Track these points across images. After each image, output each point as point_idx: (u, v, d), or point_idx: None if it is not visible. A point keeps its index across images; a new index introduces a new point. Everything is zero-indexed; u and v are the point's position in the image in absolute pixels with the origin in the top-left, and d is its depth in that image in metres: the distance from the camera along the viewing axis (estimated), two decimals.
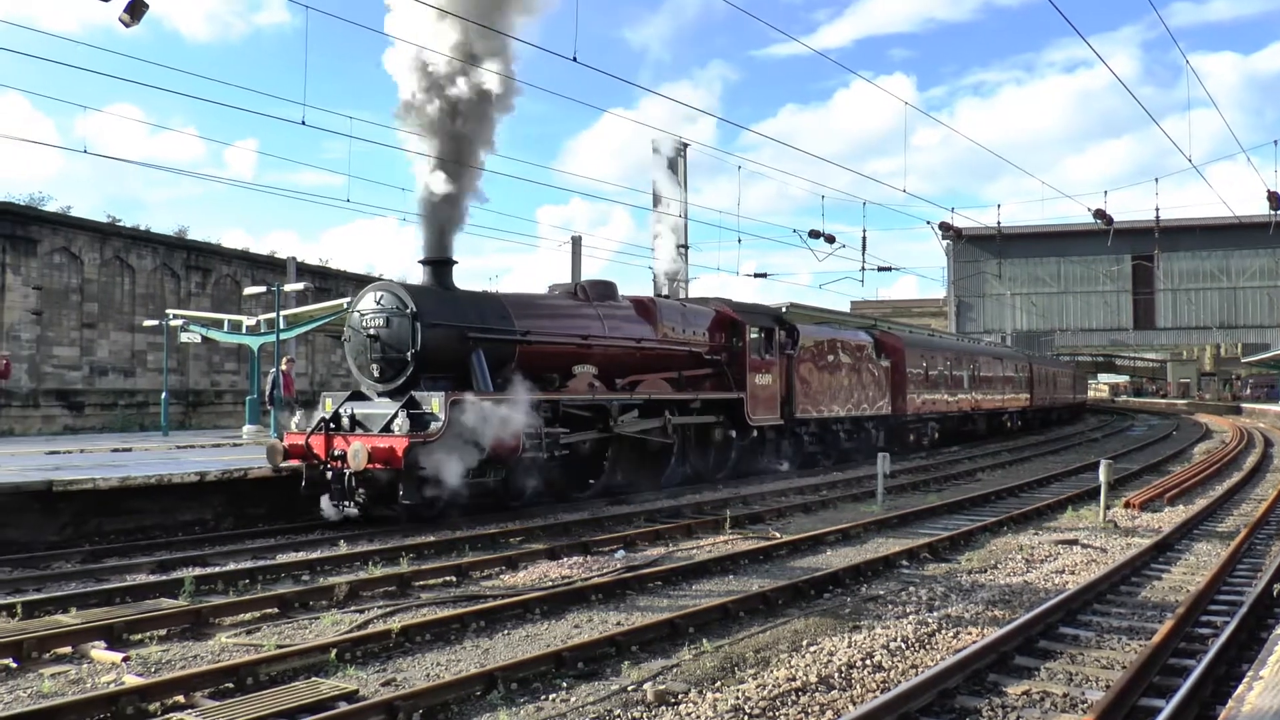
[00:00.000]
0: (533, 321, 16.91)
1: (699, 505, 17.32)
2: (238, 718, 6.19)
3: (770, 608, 9.63)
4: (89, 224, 34.39)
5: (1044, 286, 73.86)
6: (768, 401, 22.20)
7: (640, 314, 19.68)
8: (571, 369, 17.54)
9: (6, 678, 7.46)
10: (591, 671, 7.49)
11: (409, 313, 15.01)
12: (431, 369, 15.11)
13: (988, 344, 54.22)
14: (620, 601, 9.95)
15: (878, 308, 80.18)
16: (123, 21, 12.06)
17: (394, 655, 7.94)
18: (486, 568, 11.62)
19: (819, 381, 24.93)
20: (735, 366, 21.51)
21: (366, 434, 14.47)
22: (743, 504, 17.78)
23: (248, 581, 10.76)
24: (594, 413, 17.57)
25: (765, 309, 24.22)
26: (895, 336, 31.60)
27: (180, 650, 8.14)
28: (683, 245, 32.21)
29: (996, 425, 39.73)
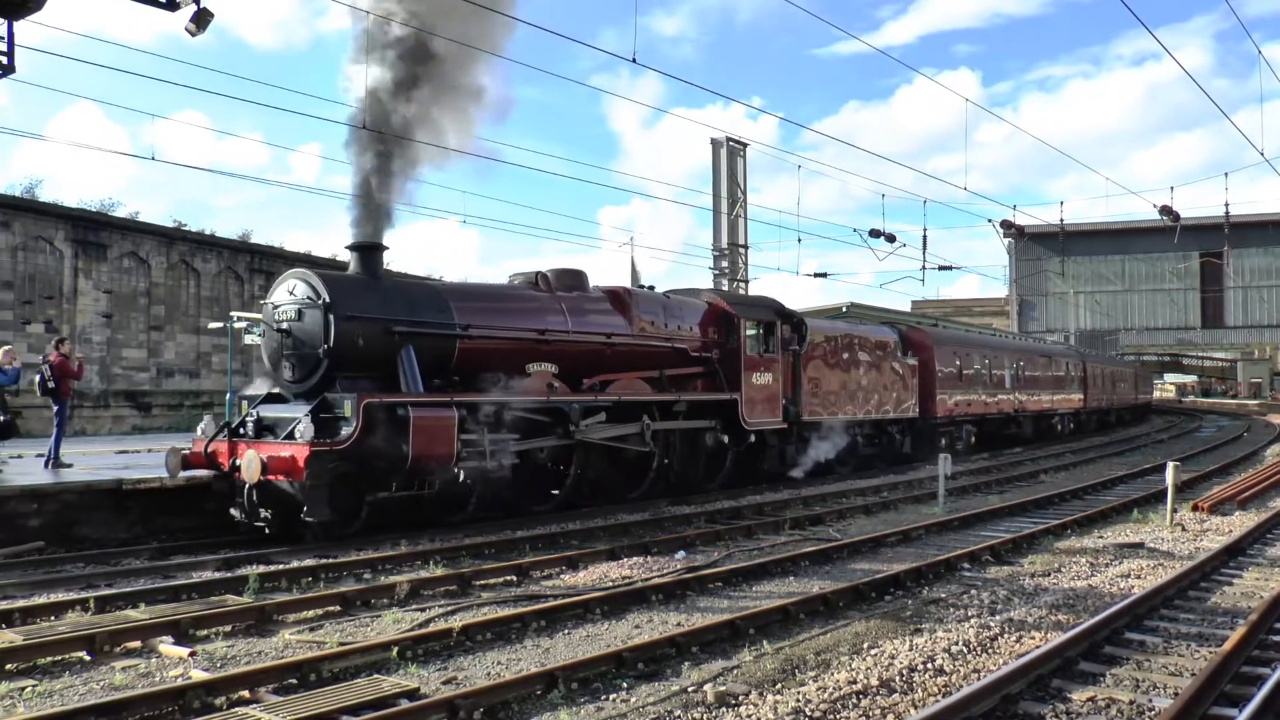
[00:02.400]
0: (477, 314, 15.20)
1: (759, 506, 17.28)
2: (301, 713, 6.26)
3: (831, 610, 9.57)
4: (156, 229, 35.03)
5: (1108, 285, 72.57)
6: (767, 403, 20.17)
7: (613, 306, 17.75)
8: (525, 367, 15.81)
9: (81, 670, 7.65)
10: (652, 672, 7.49)
11: (321, 304, 13.48)
12: (350, 367, 13.64)
13: (1051, 343, 53.26)
14: (680, 602, 9.95)
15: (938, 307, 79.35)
16: (189, 31, 12.27)
17: (455, 654, 8.00)
18: (546, 567, 11.66)
19: (832, 381, 23.09)
20: (729, 365, 19.55)
21: (268, 441, 13.20)
22: (803, 505, 17.71)
23: (310, 579, 10.91)
24: (552, 417, 15.79)
25: (766, 301, 22.08)
26: (923, 332, 29.62)
27: (245, 646, 8.27)
28: (742, 245, 32.09)
29: (1045, 429, 37.30)
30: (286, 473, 12.46)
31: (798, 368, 21.62)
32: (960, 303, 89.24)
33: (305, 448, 12.39)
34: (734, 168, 31.94)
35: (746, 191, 32.38)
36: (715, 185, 32.02)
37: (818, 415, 22.29)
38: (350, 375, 13.64)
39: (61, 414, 16.34)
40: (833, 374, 23.17)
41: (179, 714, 6.52)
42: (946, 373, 28.76)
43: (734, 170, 31.93)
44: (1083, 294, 71.66)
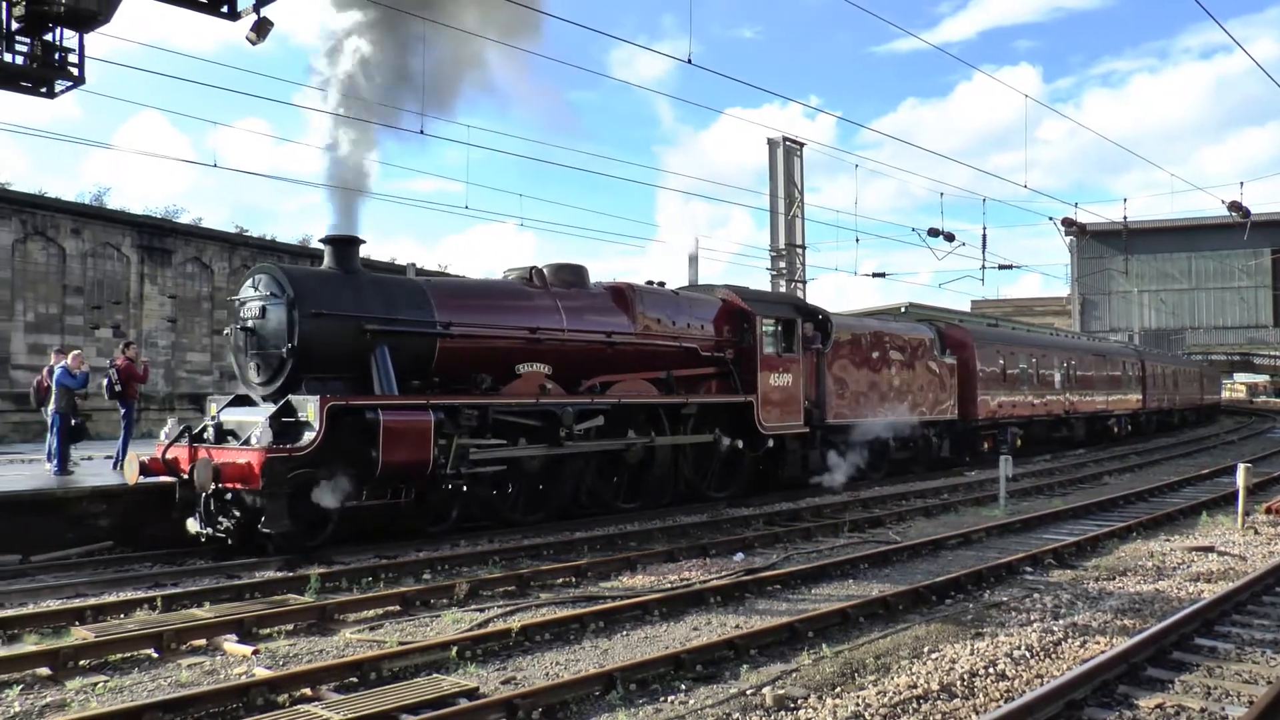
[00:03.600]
0: (460, 311, 14.32)
1: (818, 509, 17.18)
2: (362, 711, 6.31)
3: (890, 613, 9.48)
4: (219, 234, 35.66)
5: (1174, 283, 71.23)
6: (786, 405, 18.94)
7: (616, 304, 16.75)
8: (515, 368, 14.96)
9: (149, 666, 7.81)
10: (710, 674, 7.47)
11: (285, 300, 12.75)
12: (317, 368, 12.88)
13: (1114, 342, 52.22)
14: (739, 604, 9.90)
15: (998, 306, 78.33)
16: (249, 40, 12.43)
17: (514, 654, 8.03)
18: (604, 569, 11.67)
19: (860, 381, 21.84)
20: (745, 365, 18.42)
21: (227, 447, 12.54)
22: (862, 507, 17.58)
23: (369, 579, 11.01)
24: (545, 421, 14.86)
25: (786, 298, 20.90)
26: (963, 329, 28.31)
27: (306, 645, 8.37)
28: (800, 245, 31.90)
29: (1099, 431, 35.68)
30: (242, 480, 11.81)
31: (822, 368, 20.52)
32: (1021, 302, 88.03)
33: (260, 453, 11.67)
34: (791, 167, 31.78)
35: (804, 191, 32.22)
36: (772, 185, 31.89)
37: (844, 418, 21.10)
38: (318, 376, 12.90)
39: (128, 416, 16.64)
40: (861, 374, 21.98)
41: (243, 711, 6.61)
42: (989, 372, 27.52)
43: (791, 170, 31.77)
44: (1147, 293, 70.40)
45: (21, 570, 11.72)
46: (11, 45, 12.92)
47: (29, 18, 12.54)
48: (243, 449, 12.10)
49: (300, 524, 12.18)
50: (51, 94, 13.66)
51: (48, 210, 30.78)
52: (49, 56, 13.17)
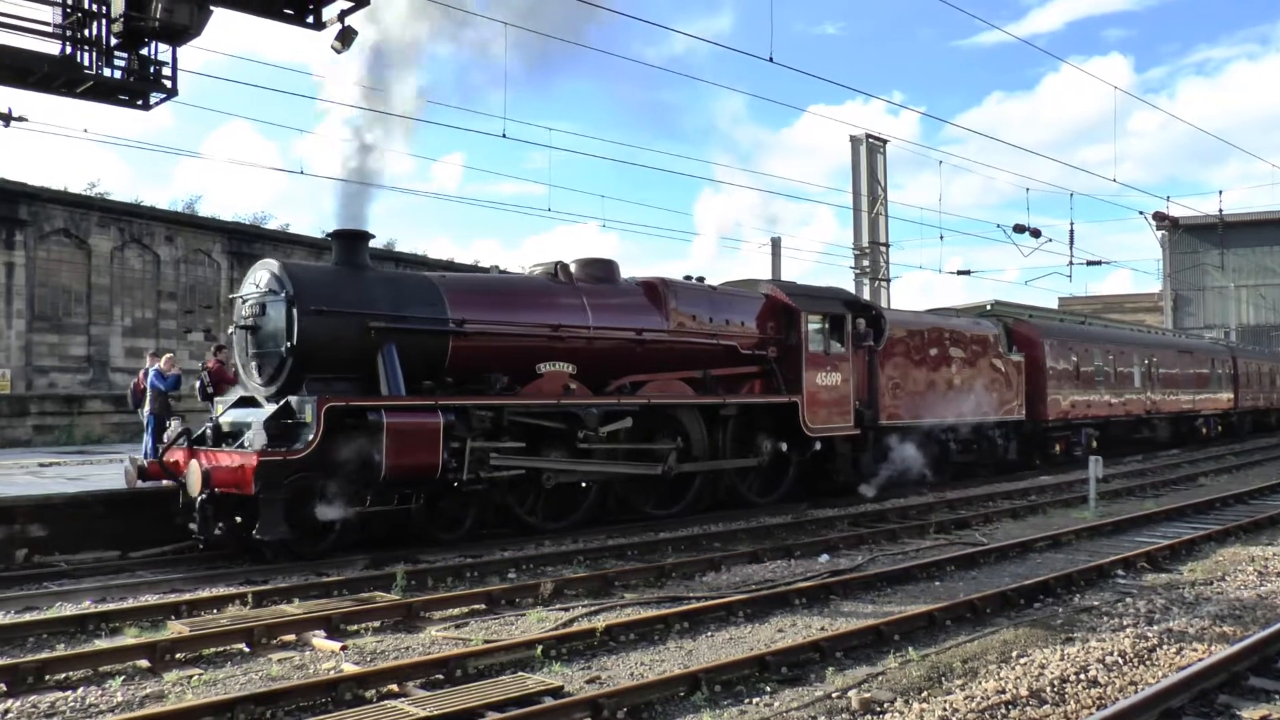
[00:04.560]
0: (475, 308, 13.68)
1: (903, 510, 16.98)
2: (448, 708, 6.37)
3: (977, 616, 9.32)
4: (305, 239, 36.38)
5: (1274, 278, 68.87)
6: (834, 405, 17.90)
7: (647, 300, 15.97)
8: (536, 367, 14.27)
9: (241, 660, 7.99)
10: (795, 676, 7.41)
11: (285, 296, 12.26)
12: (319, 368, 12.37)
13: (1208, 339, 50.58)
14: (824, 606, 9.82)
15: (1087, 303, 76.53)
16: (334, 49, 12.62)
17: (598, 653, 8.06)
18: (689, 569, 11.64)
19: (917, 380, 20.58)
20: (789, 363, 17.47)
21: (224, 450, 12.11)
22: (948, 509, 17.33)
23: (454, 578, 11.13)
24: (568, 423, 14.22)
25: (834, 292, 19.64)
26: (1031, 325, 26.56)
27: (393, 641, 8.48)
28: (883, 243, 31.56)
29: (1185, 432, 33.55)
30: (235, 485, 11.37)
31: (874, 366, 19.31)
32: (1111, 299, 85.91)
33: (253, 458, 11.23)
34: (874, 165, 31.49)
35: (887, 189, 31.87)
36: (855, 183, 31.62)
37: (899, 419, 19.89)
38: (320, 376, 12.38)
39: None
40: (918, 372, 20.69)
41: (331, 705, 6.71)
42: (1060, 370, 25.82)
43: (874, 167, 31.48)
44: (1245, 288, 68.22)
45: (121, 566, 12.09)
46: (110, 60, 13.32)
47: (126, 33, 12.92)
48: (236, 453, 11.69)
49: (300, 531, 11.79)
50: (146, 106, 14.05)
51: (143, 218, 31.73)
52: (144, 70, 13.56)
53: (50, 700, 6.90)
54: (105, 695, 7.02)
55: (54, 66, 13.01)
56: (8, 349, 28.30)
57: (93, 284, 30.30)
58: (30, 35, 12.98)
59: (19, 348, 28.69)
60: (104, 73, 13.33)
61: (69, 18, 13.08)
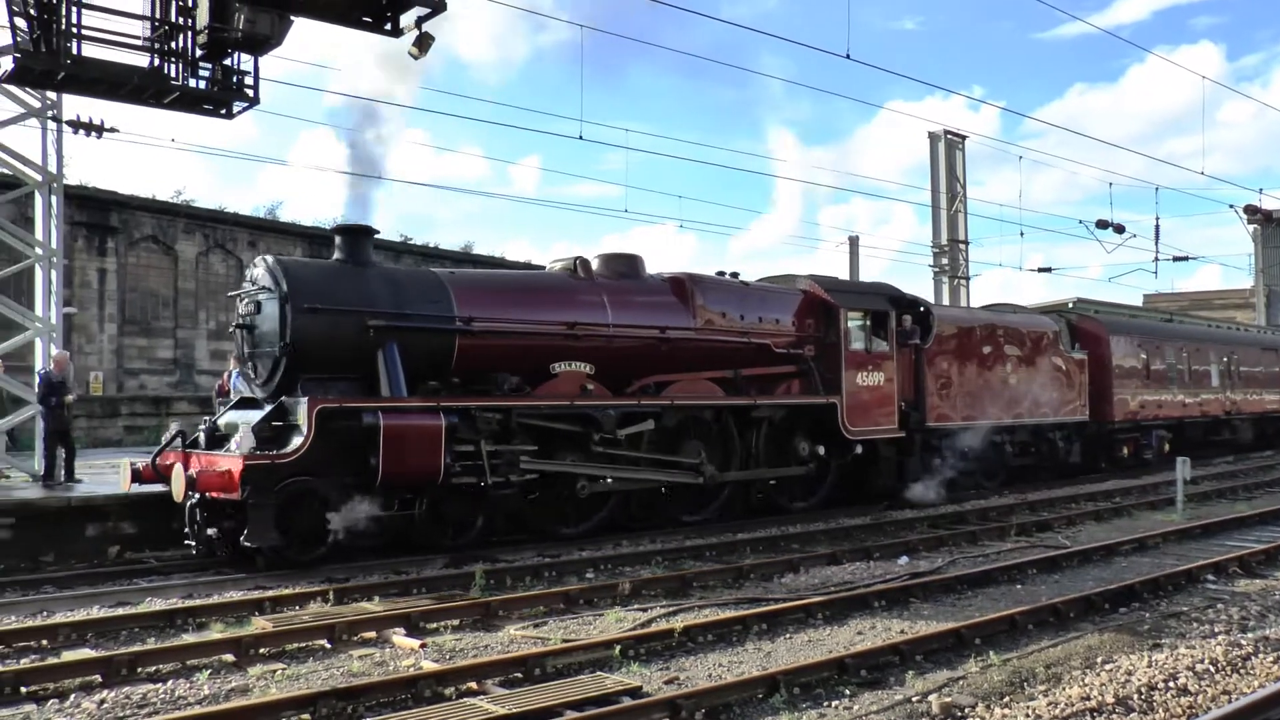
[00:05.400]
0: (483, 305, 13.15)
1: (984, 511, 16.74)
2: (526, 706, 6.39)
3: (1060, 620, 9.14)
4: (384, 243, 36.91)
5: None
6: (876, 406, 17.04)
7: (673, 296, 15.26)
8: (550, 367, 13.73)
9: (323, 656, 8.13)
10: (875, 680, 7.33)
11: (279, 294, 11.85)
12: (316, 367, 11.97)
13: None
14: (903, 609, 9.70)
15: (1173, 300, 74.64)
16: (411, 55, 12.77)
17: (676, 654, 8.04)
18: (767, 570, 11.59)
19: (968, 379, 19.40)
20: (828, 363, 16.65)
21: (211, 453, 11.76)
22: (1029, 510, 17.04)
23: (532, 577, 11.20)
24: (584, 425, 13.66)
25: (877, 288, 18.84)
26: (1095, 321, 25.12)
27: (472, 640, 8.56)
28: (962, 241, 31.13)
29: (1270, 434, 31.48)
30: (222, 489, 11.04)
31: (921, 364, 18.30)
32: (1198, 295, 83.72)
33: (239, 461, 10.89)
34: (953, 161, 31.09)
35: (966, 185, 31.43)
36: (934, 180, 31.25)
37: (948, 420, 18.81)
38: (316, 376, 11.98)
39: None
40: (969, 371, 19.49)
41: (411, 701, 6.79)
42: (1127, 368, 24.47)
43: (953, 164, 31.08)
44: None
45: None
46: (195, 71, 13.66)
47: (210, 44, 13.24)
48: (223, 456, 11.38)
49: (294, 537, 11.44)
50: (230, 115, 14.37)
51: (226, 225, 32.50)
52: (227, 80, 13.89)
53: (142, 692, 7.08)
54: (193, 688, 7.18)
55: (143, 79, 13.38)
56: (100, 352, 29.18)
57: (179, 289, 31.12)
58: (120, 49, 13.39)
59: (111, 351, 29.57)
60: (189, 83, 13.69)
61: (156, 31, 13.45)
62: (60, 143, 16.20)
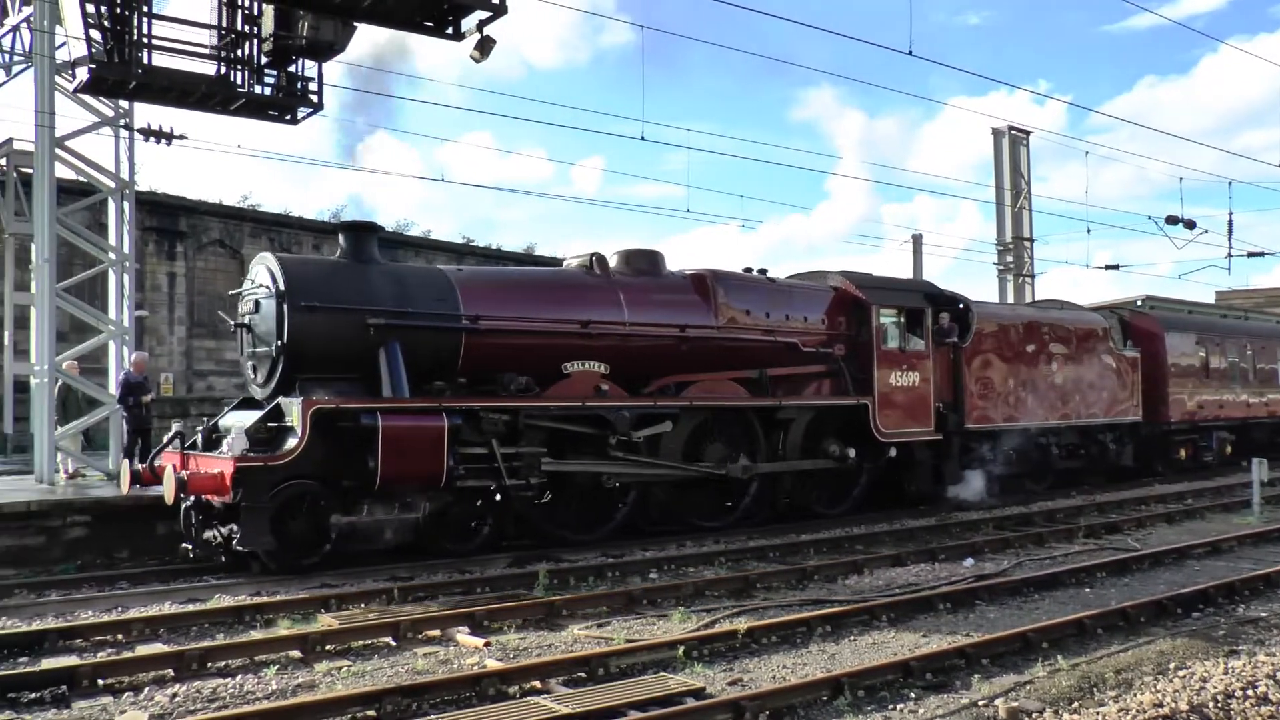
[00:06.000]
0: (491, 303, 12.84)
1: (1050, 513, 16.52)
2: (590, 706, 6.40)
3: (1131, 625, 8.96)
4: (446, 245, 37.36)
5: None
6: (911, 407, 16.47)
7: (694, 293, 14.81)
8: (562, 367, 13.34)
9: (388, 654, 8.21)
10: (940, 683, 7.24)
11: (275, 292, 11.61)
12: (314, 367, 11.71)
13: None
14: (969, 611, 9.60)
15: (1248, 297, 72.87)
16: (473, 58, 12.88)
17: (740, 655, 8.01)
18: (831, 572, 11.53)
19: (1010, 379, 18.57)
20: (859, 362, 16.17)
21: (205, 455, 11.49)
22: (1098, 512, 16.77)
23: (595, 577, 11.23)
24: (597, 427, 13.25)
25: (913, 284, 18.14)
26: (1150, 317, 24.25)
27: (535, 639, 8.59)
28: (1027, 238, 30.68)
29: None
30: (214, 492, 10.83)
31: (959, 363, 17.58)
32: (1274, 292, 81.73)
33: (230, 463, 10.62)
34: (1017, 157, 30.65)
35: (1031, 182, 30.99)
36: (998, 177, 30.83)
37: (989, 422, 18.04)
38: (314, 376, 11.72)
39: None
40: (1012, 370, 18.68)
41: (475, 700, 6.84)
42: (1184, 366, 23.37)
43: (1017, 160, 30.64)
44: None
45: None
46: (261, 78, 13.92)
47: (275, 52, 13.49)
48: (216, 458, 11.11)
49: (291, 541, 11.19)
50: (295, 120, 14.64)
51: (291, 228, 33.01)
52: (292, 86, 14.13)
53: (212, 686, 7.21)
54: (261, 683, 7.30)
55: (211, 86, 13.66)
56: (170, 354, 29.77)
57: None
58: (189, 58, 13.67)
59: (180, 353, 30.16)
60: (255, 90, 13.95)
61: (223, 39, 13.72)
62: (132, 150, 16.56)
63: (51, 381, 15.27)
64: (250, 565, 11.41)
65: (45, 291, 15.17)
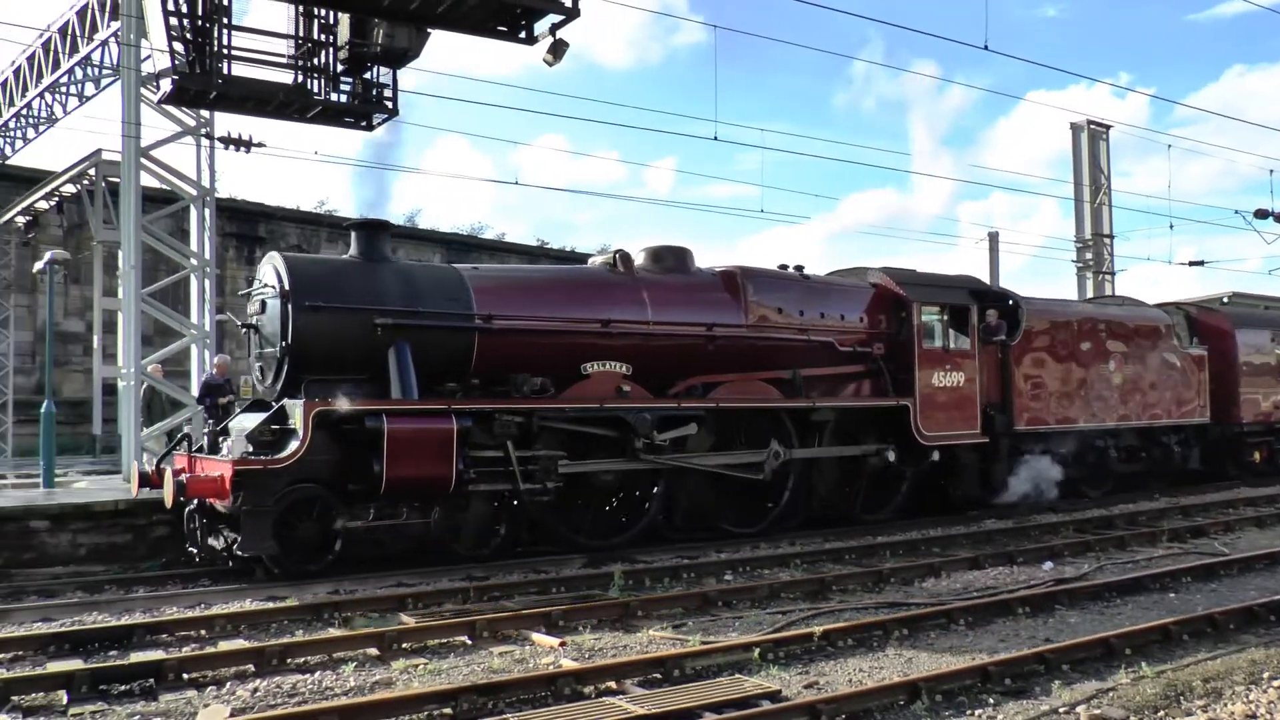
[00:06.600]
0: (505, 302, 12.53)
1: (1133, 516, 16.16)
2: (666, 707, 6.39)
3: (1219, 632, 8.69)
4: (520, 247, 37.67)
5: None
6: (955, 409, 15.85)
7: (723, 291, 14.34)
8: (581, 367, 13.00)
9: (463, 653, 8.28)
10: (1019, 689, 7.10)
11: (279, 292, 11.39)
12: (320, 368, 11.43)
13: None
14: (1049, 616, 9.41)
15: None
16: (546, 61, 12.99)
17: (815, 658, 7.94)
18: (907, 574, 11.42)
19: (1063, 379, 17.76)
20: (899, 361, 15.61)
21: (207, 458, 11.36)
22: (1182, 515, 16.36)
23: (670, 579, 11.23)
24: (618, 429, 12.91)
25: (956, 280, 17.30)
26: (1219, 314, 23.12)
27: (610, 639, 8.61)
28: (1107, 235, 30.08)
29: None
30: (213, 495, 10.71)
31: (1008, 363, 16.88)
32: None
33: (229, 466, 10.43)
34: (1096, 152, 30.06)
35: (1111, 177, 30.37)
36: (1076, 173, 30.27)
37: (1040, 424, 17.30)
38: (321, 378, 11.42)
39: None
40: (1065, 369, 17.85)
41: (550, 699, 6.86)
42: (1258, 364, 22.16)
43: (1096, 155, 30.05)
44: None
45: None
46: (337, 86, 14.19)
47: (350, 60, 13.73)
48: (216, 461, 10.98)
49: (295, 546, 10.98)
50: (370, 126, 14.88)
51: None
52: (367, 93, 14.37)
53: (292, 682, 7.34)
54: (339, 679, 7.41)
55: (288, 94, 13.95)
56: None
57: None
58: (267, 67, 13.97)
59: None
60: (331, 98, 14.21)
61: (300, 49, 13.99)
62: (212, 158, 16.97)
63: (137, 384, 15.69)
64: (254, 571, 11.23)
65: (131, 297, 15.60)
